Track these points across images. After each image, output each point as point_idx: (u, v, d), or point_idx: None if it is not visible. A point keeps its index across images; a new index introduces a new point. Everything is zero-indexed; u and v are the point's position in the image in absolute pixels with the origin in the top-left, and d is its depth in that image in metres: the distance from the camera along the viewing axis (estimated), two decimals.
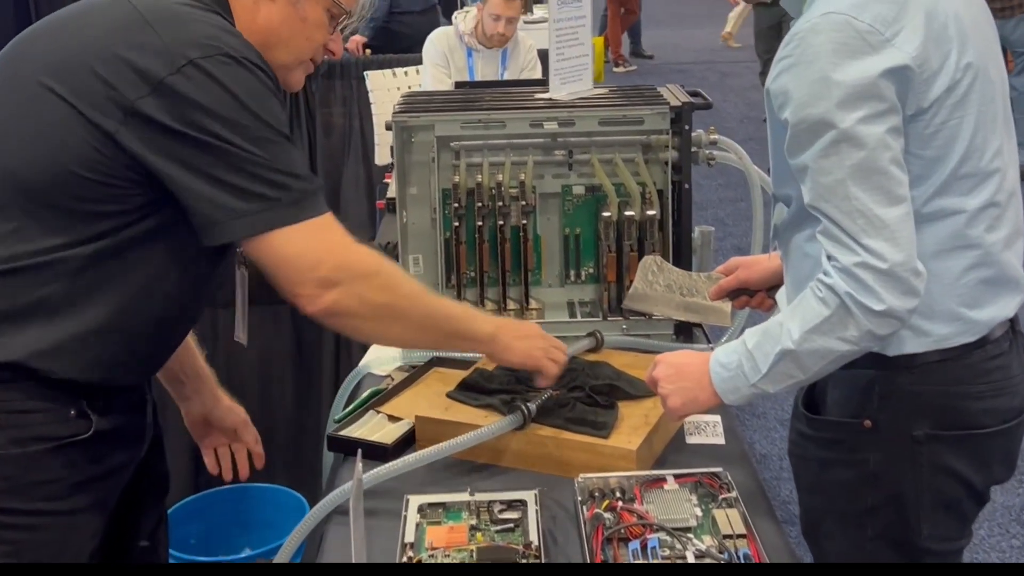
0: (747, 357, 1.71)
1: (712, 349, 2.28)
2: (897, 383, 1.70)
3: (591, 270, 2.46)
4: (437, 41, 5.00)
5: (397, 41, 6.56)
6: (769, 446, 4.20)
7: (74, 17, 1.74)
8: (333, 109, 5.63)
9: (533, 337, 2.01)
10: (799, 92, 1.57)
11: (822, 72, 1.54)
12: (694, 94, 2.39)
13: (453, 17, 5.10)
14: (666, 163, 2.34)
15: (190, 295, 1.82)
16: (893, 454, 1.72)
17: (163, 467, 2.07)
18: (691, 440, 2.02)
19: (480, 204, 2.36)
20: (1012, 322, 1.74)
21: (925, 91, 1.58)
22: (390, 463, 1.80)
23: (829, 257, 1.60)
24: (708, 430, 2.04)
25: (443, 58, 4.93)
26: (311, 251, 1.68)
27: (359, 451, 1.63)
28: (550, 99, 2.39)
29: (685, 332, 2.38)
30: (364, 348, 2.50)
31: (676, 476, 1.77)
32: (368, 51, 6.49)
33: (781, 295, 1.91)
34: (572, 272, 2.47)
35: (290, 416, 3.05)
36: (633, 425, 1.92)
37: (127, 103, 1.59)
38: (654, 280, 2.19)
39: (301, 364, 3.08)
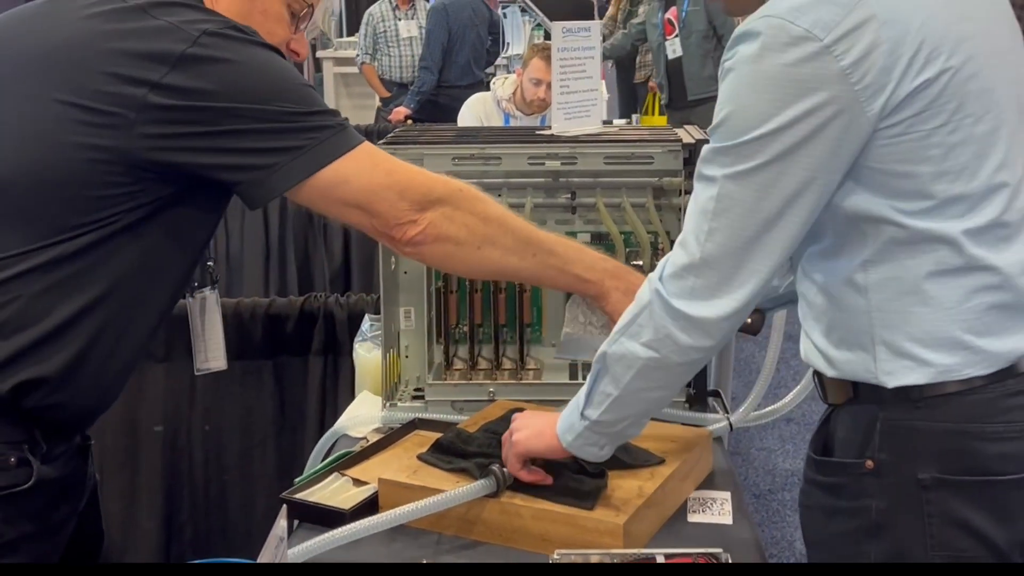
0: (585, 386, 1.60)
1: (728, 420, 2.05)
2: (900, 419, 1.48)
3: None
4: (473, 106, 4.87)
5: (443, 114, 6.47)
6: None
7: (46, 15, 1.62)
8: None
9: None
10: None
11: None
12: None
13: (492, 83, 4.96)
14: (680, 209, 2.10)
15: (162, 304, 1.67)
16: (896, 501, 1.48)
17: (98, 524, 1.85)
18: (693, 519, 1.77)
19: None
20: None
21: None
22: (336, 530, 1.57)
23: None
24: (714, 508, 1.79)
25: (478, 123, 4.77)
26: (389, 177, 1.64)
27: (283, 507, 1.40)
28: (552, 135, 2.17)
29: (699, 400, 2.12)
30: None
31: (668, 556, 1.53)
32: (410, 122, 6.39)
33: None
34: None
35: (272, 485, 2.82)
36: (624, 497, 1.69)
37: (146, 87, 1.49)
38: (586, 321, 1.91)
39: (284, 426, 2.87)
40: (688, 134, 2.18)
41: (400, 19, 7.28)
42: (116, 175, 1.51)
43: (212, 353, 2.00)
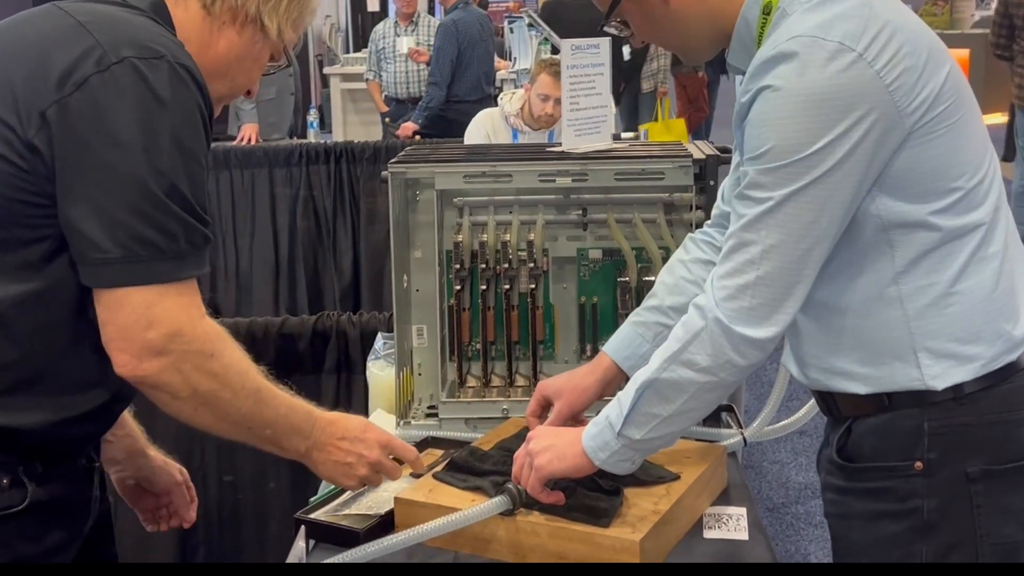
0: (615, 404, 1.60)
1: (743, 435, 2.05)
2: (947, 418, 1.52)
3: None
4: (481, 122, 4.86)
5: (452, 129, 6.48)
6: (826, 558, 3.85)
7: (4, 30, 1.60)
8: (378, 198, 5.48)
9: (348, 456, 1.72)
10: None
11: None
12: (723, 150, 2.16)
13: (499, 98, 4.96)
14: (691, 224, 2.10)
15: None
16: (948, 498, 1.53)
17: (111, 549, 1.84)
18: (709, 535, 1.76)
19: (484, 266, 2.14)
20: None
21: None
22: (351, 551, 1.57)
23: None
24: (730, 524, 1.78)
25: (486, 139, 4.77)
26: (152, 312, 1.46)
27: (302, 527, 1.39)
28: (563, 152, 2.18)
29: (713, 415, 2.11)
30: None
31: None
32: (418, 137, 6.41)
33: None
34: (588, 347, 2.22)
35: (286, 506, 2.81)
36: (639, 514, 1.68)
37: (48, 103, 1.43)
38: None
39: None
40: (699, 149, 2.18)
41: (399, 35, 7.35)
42: (30, 193, 1.45)
43: None
